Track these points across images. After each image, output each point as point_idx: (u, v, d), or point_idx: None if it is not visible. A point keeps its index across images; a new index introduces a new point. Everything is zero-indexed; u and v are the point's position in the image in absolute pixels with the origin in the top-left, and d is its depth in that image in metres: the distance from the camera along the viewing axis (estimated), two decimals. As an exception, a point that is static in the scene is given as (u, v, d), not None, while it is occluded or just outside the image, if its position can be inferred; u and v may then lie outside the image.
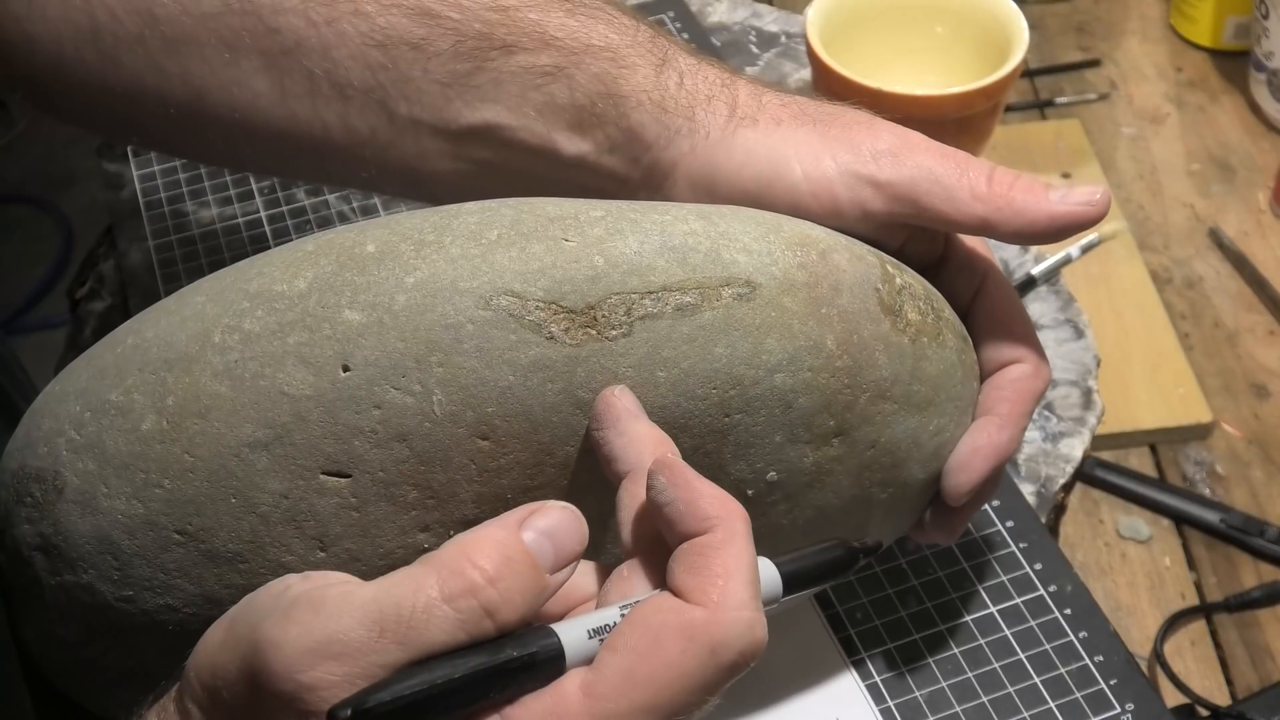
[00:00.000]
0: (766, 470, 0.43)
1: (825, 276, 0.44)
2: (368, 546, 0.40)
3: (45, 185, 1.66)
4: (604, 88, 0.49)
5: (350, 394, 0.39)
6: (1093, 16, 1.27)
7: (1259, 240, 1.07)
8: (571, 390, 0.40)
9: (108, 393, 0.41)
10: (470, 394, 0.40)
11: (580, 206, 0.43)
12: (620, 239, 0.42)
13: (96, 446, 0.41)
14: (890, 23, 0.78)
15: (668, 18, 0.85)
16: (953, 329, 0.48)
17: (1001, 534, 0.58)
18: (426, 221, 0.42)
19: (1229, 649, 0.85)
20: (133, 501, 0.40)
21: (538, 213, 0.42)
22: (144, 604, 0.40)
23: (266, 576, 0.40)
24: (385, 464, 0.40)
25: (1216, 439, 0.95)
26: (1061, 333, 0.69)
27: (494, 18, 0.49)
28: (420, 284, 0.40)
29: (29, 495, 0.41)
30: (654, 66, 0.49)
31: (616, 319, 0.41)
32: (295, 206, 0.75)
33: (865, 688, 0.53)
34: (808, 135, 0.47)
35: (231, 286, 0.42)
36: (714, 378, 0.42)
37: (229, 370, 0.40)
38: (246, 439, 0.39)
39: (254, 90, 0.50)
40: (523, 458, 0.40)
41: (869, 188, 0.46)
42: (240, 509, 0.40)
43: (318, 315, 0.40)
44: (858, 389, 0.44)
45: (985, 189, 0.46)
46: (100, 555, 0.40)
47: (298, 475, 0.40)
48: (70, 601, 0.41)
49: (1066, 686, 0.53)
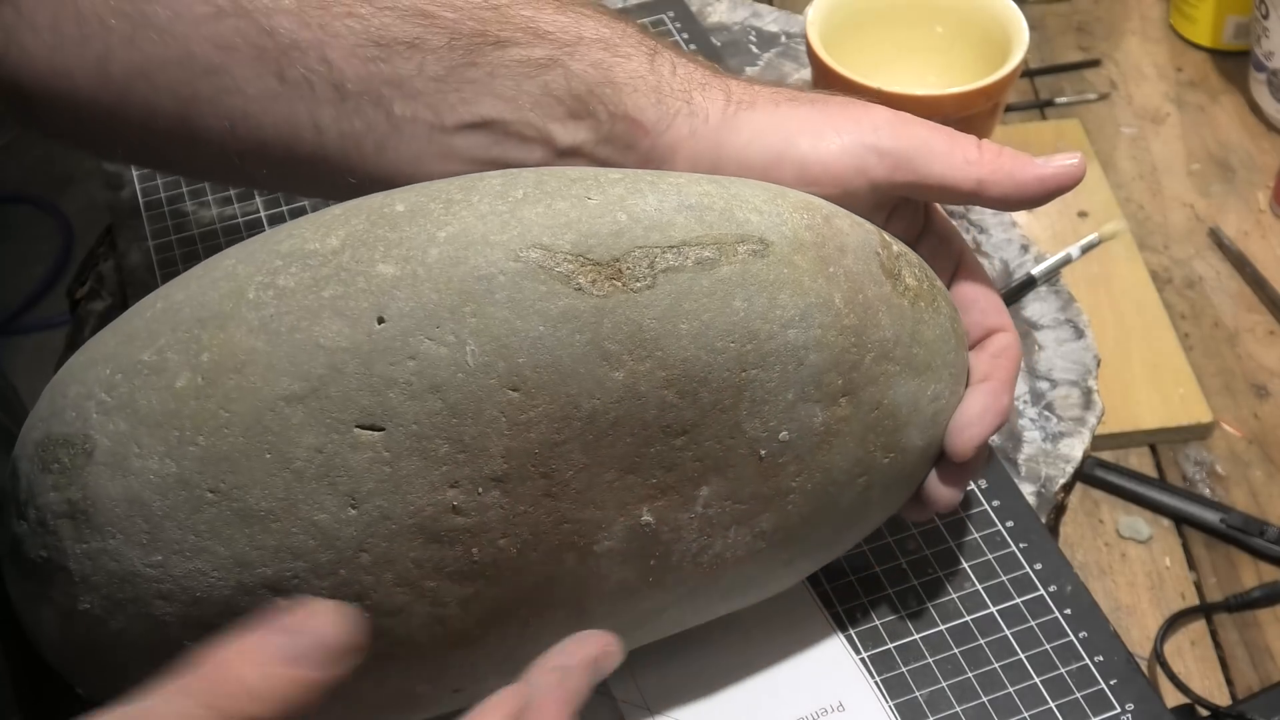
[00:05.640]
0: (779, 429, 0.44)
1: (831, 238, 0.46)
2: (398, 503, 0.40)
3: (45, 185, 1.66)
4: (600, 75, 0.49)
5: (385, 345, 0.40)
6: (1093, 16, 1.28)
7: (1259, 240, 1.07)
8: (598, 341, 0.41)
9: (139, 354, 0.41)
10: (502, 344, 0.40)
11: (598, 171, 0.45)
12: (640, 197, 0.43)
13: (128, 407, 0.40)
14: (890, 23, 0.78)
15: (667, 18, 0.86)
16: (945, 297, 0.50)
17: (1001, 534, 0.58)
18: (452, 184, 0.43)
19: (1229, 649, 0.85)
20: (165, 460, 0.40)
21: (559, 175, 0.44)
22: (173, 569, 0.40)
23: (298, 537, 0.40)
24: (419, 416, 0.40)
25: (1216, 439, 0.95)
26: (1061, 333, 0.69)
27: (487, 15, 0.50)
28: (452, 238, 0.41)
29: (56, 461, 0.41)
30: (646, 57, 0.50)
31: (640, 271, 0.42)
32: (295, 206, 0.75)
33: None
34: (809, 113, 0.50)
35: (262, 248, 0.42)
36: (732, 331, 0.43)
37: (265, 325, 0.40)
38: (283, 392, 0.40)
39: (246, 95, 0.50)
40: (550, 410, 0.41)
41: (873, 155, 0.49)
42: (275, 464, 0.40)
43: (352, 269, 0.41)
44: (863, 348, 0.45)
45: (977, 155, 0.49)
46: (130, 518, 0.40)
47: (332, 429, 0.40)
48: (96, 569, 0.41)
49: (1066, 686, 0.53)
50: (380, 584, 0.41)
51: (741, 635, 0.54)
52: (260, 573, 0.40)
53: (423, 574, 0.41)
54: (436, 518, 0.41)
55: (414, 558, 0.41)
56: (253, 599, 0.41)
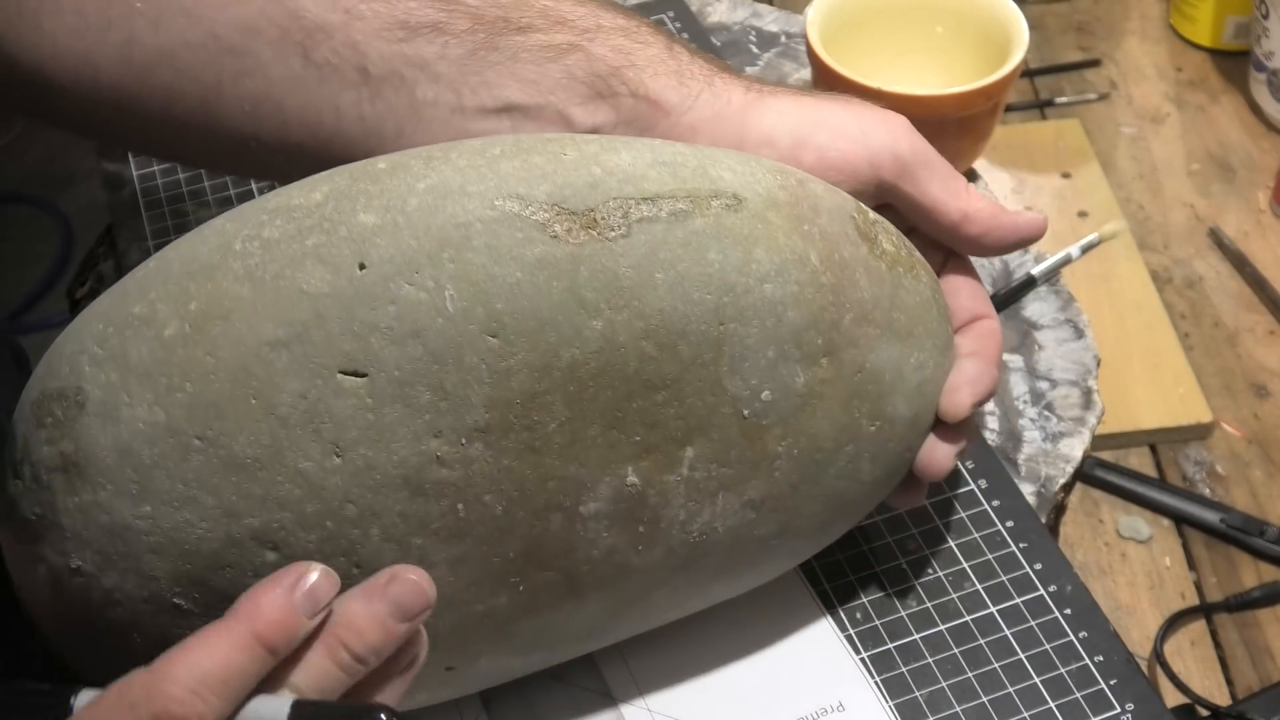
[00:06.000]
0: (761, 389, 0.45)
1: (804, 199, 0.47)
2: (382, 453, 0.41)
3: (45, 185, 1.66)
4: (622, 59, 0.51)
5: (367, 290, 0.41)
6: (1093, 16, 1.28)
7: (1259, 240, 1.07)
8: (576, 289, 0.42)
9: (130, 307, 0.42)
10: (480, 289, 0.41)
11: (573, 135, 0.46)
12: (614, 154, 0.45)
13: (119, 357, 0.41)
14: (890, 23, 0.78)
15: (667, 18, 0.86)
16: (925, 269, 0.51)
17: (1001, 534, 0.58)
18: (434, 146, 0.45)
19: (1229, 649, 0.85)
20: (154, 408, 0.41)
21: (536, 136, 0.46)
22: (162, 520, 0.41)
23: (284, 485, 0.41)
24: (400, 362, 0.41)
25: (1216, 439, 0.95)
26: (1061, 333, 0.69)
27: (508, 1, 0.51)
28: (431, 189, 0.42)
29: (50, 415, 0.42)
30: (664, 45, 0.52)
31: (615, 221, 0.43)
32: (295, 206, 0.75)
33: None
34: (834, 106, 0.52)
35: (250, 207, 0.43)
36: (708, 283, 0.44)
37: (250, 273, 0.41)
38: (267, 338, 0.40)
39: (269, 78, 0.50)
40: (530, 359, 0.42)
41: (889, 156, 0.51)
42: (260, 410, 0.40)
43: (334, 219, 0.42)
44: (842, 308, 0.46)
45: (967, 193, 0.52)
46: (120, 468, 0.41)
47: (316, 374, 0.41)
48: (88, 523, 0.41)
49: (1066, 686, 0.53)
50: (367, 539, 0.41)
51: (740, 635, 0.54)
52: (247, 523, 0.41)
53: (409, 529, 0.42)
54: (421, 469, 0.41)
55: (400, 511, 0.42)
56: (240, 551, 0.41)
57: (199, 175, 0.77)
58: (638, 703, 0.52)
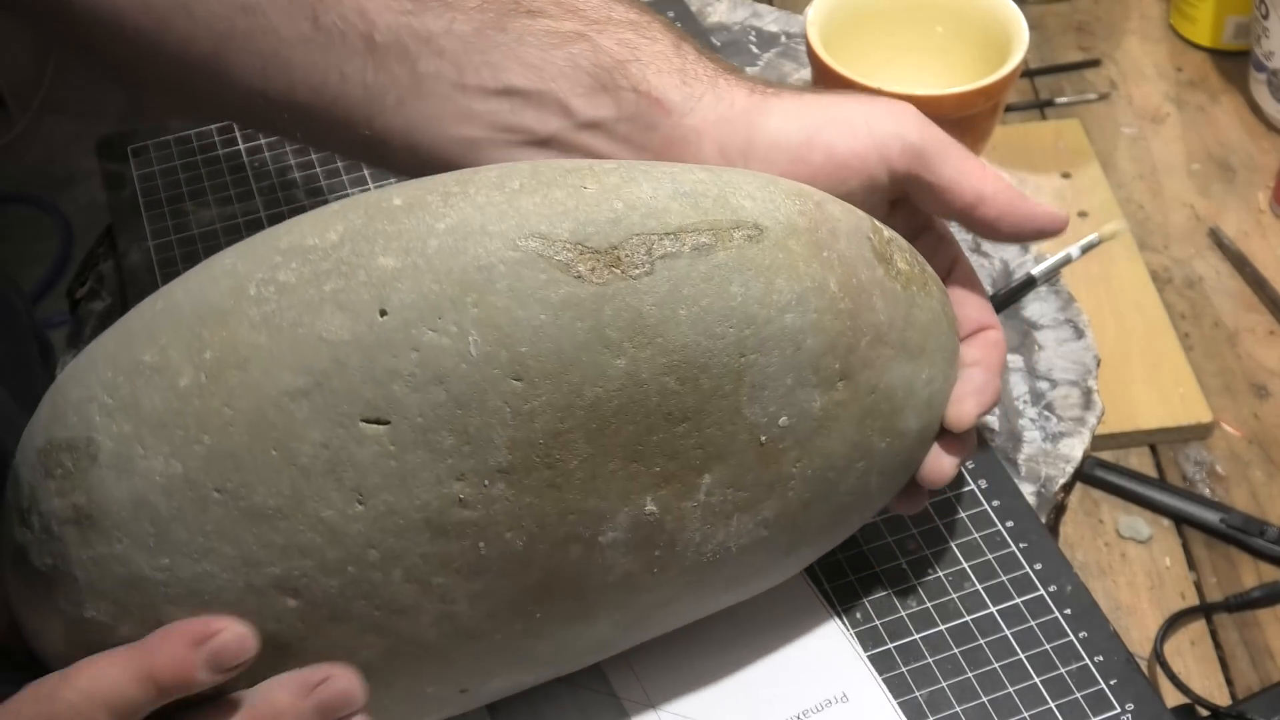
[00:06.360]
0: (779, 415, 0.44)
1: (823, 223, 0.46)
2: (404, 498, 0.40)
3: (45, 185, 1.66)
4: (628, 53, 0.50)
5: (388, 337, 0.40)
6: (1093, 16, 1.28)
7: (1259, 240, 1.07)
8: (600, 328, 0.41)
9: (140, 354, 0.41)
10: (504, 333, 0.40)
11: (592, 162, 0.45)
12: (635, 185, 0.43)
13: (131, 407, 0.40)
14: (890, 23, 0.78)
15: (667, 18, 0.86)
16: (935, 282, 0.50)
17: (1001, 534, 0.58)
18: (449, 178, 0.43)
19: (1229, 649, 0.85)
20: (170, 460, 0.40)
21: (554, 166, 0.44)
22: (181, 571, 0.40)
23: (306, 534, 0.40)
24: (423, 408, 0.40)
25: (1216, 439, 0.95)
26: (1061, 333, 0.69)
27: None
28: (451, 229, 0.41)
29: (59, 466, 0.41)
30: (672, 43, 0.52)
31: (638, 258, 0.42)
32: (295, 206, 0.75)
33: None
34: (838, 102, 0.51)
35: (261, 245, 0.42)
36: (730, 316, 0.43)
37: (266, 320, 0.40)
38: (286, 387, 0.40)
39: (279, 36, 0.51)
40: (554, 399, 0.41)
41: (898, 144, 0.50)
42: (280, 461, 0.40)
43: (352, 263, 0.41)
44: (859, 332, 0.46)
45: (983, 174, 0.51)
46: (136, 521, 0.40)
47: (337, 423, 0.40)
48: (103, 576, 0.41)
49: (1066, 686, 0.53)
50: (389, 581, 0.41)
51: (741, 631, 0.54)
52: (268, 572, 0.40)
53: (430, 569, 0.41)
54: (443, 511, 0.41)
55: (422, 553, 0.41)
56: (260, 599, 0.40)
57: (199, 175, 0.77)
58: (644, 702, 0.52)
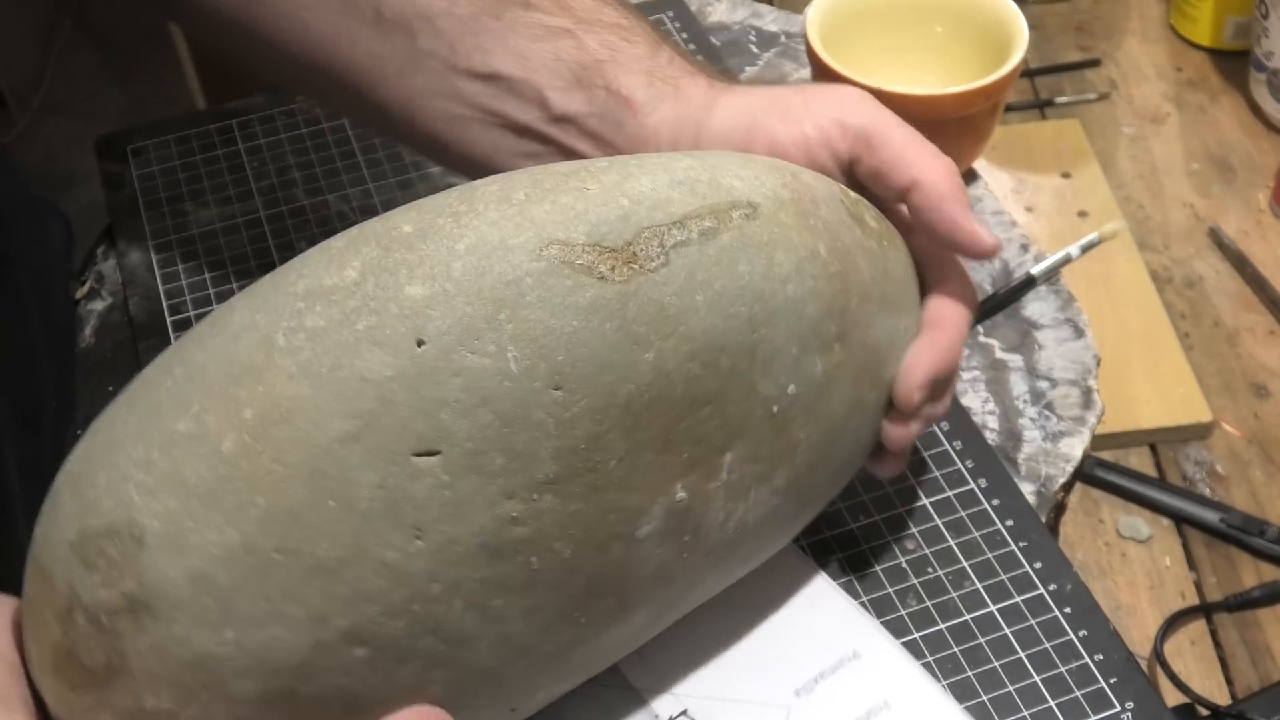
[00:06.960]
0: (788, 384, 0.45)
1: (804, 193, 0.47)
2: (462, 526, 0.40)
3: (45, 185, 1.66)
4: (607, 54, 0.53)
5: (430, 366, 0.39)
6: (1093, 16, 1.28)
7: (1259, 240, 1.07)
8: (627, 325, 0.41)
9: (173, 424, 0.39)
10: (541, 345, 0.40)
11: (585, 163, 0.45)
12: (634, 180, 0.44)
13: (174, 481, 0.38)
14: (890, 23, 0.79)
15: (667, 17, 0.86)
16: (896, 234, 0.52)
17: (1001, 533, 0.58)
18: (450, 197, 0.43)
19: (1229, 649, 0.85)
20: (225, 529, 0.38)
21: (550, 171, 0.44)
22: (247, 641, 0.38)
23: (371, 580, 0.39)
24: (471, 433, 0.39)
25: (1216, 439, 0.95)
26: (1061, 332, 0.69)
27: None
28: (471, 248, 0.40)
29: (101, 556, 0.39)
30: (651, 47, 0.54)
31: (653, 251, 0.42)
32: (295, 206, 0.75)
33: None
34: (783, 92, 0.53)
35: (275, 293, 0.41)
36: (742, 294, 0.44)
37: (304, 369, 0.39)
38: (336, 434, 0.38)
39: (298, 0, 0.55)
40: (592, 403, 0.41)
41: (837, 129, 0.51)
42: (340, 510, 0.38)
43: (380, 297, 0.40)
44: (849, 293, 0.47)
45: (930, 163, 0.50)
46: (195, 599, 0.38)
47: (391, 462, 0.39)
48: (162, 661, 0.39)
49: (1066, 685, 0.53)
50: (451, 611, 0.40)
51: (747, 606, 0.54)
52: (336, 624, 0.39)
53: (488, 593, 0.41)
54: (498, 532, 0.40)
55: (480, 578, 0.40)
56: (330, 654, 0.39)
57: (199, 175, 0.77)
58: (655, 686, 0.52)
